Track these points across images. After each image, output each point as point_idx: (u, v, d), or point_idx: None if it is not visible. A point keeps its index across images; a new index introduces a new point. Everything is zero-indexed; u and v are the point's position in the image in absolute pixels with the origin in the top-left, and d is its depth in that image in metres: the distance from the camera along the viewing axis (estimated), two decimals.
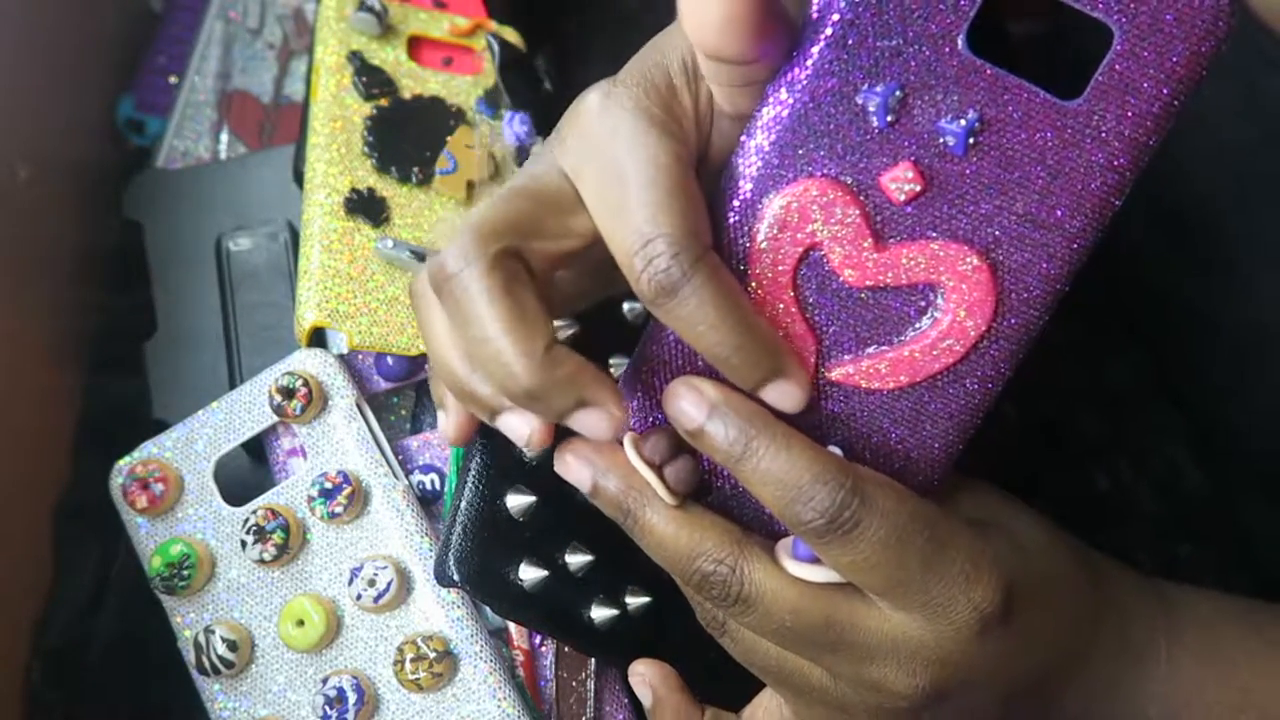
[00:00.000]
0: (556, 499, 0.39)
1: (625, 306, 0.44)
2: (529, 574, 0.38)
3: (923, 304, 0.27)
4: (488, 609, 0.40)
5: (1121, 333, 0.57)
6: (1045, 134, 0.25)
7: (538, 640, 0.41)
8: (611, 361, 0.43)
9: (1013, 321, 0.27)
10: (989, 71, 0.25)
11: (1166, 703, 0.33)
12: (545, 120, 0.49)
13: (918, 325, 0.28)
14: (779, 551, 0.30)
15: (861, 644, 0.29)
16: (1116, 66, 0.25)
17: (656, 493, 0.30)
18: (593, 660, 0.41)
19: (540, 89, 0.50)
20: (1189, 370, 0.53)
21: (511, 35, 0.51)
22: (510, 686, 0.39)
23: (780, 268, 0.27)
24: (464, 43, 0.50)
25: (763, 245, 0.27)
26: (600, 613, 0.39)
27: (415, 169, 0.45)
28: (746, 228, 0.27)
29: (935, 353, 0.28)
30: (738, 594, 0.29)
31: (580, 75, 0.61)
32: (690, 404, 0.28)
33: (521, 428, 0.30)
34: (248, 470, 0.45)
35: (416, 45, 0.49)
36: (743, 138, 0.28)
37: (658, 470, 0.30)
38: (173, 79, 0.57)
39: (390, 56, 0.48)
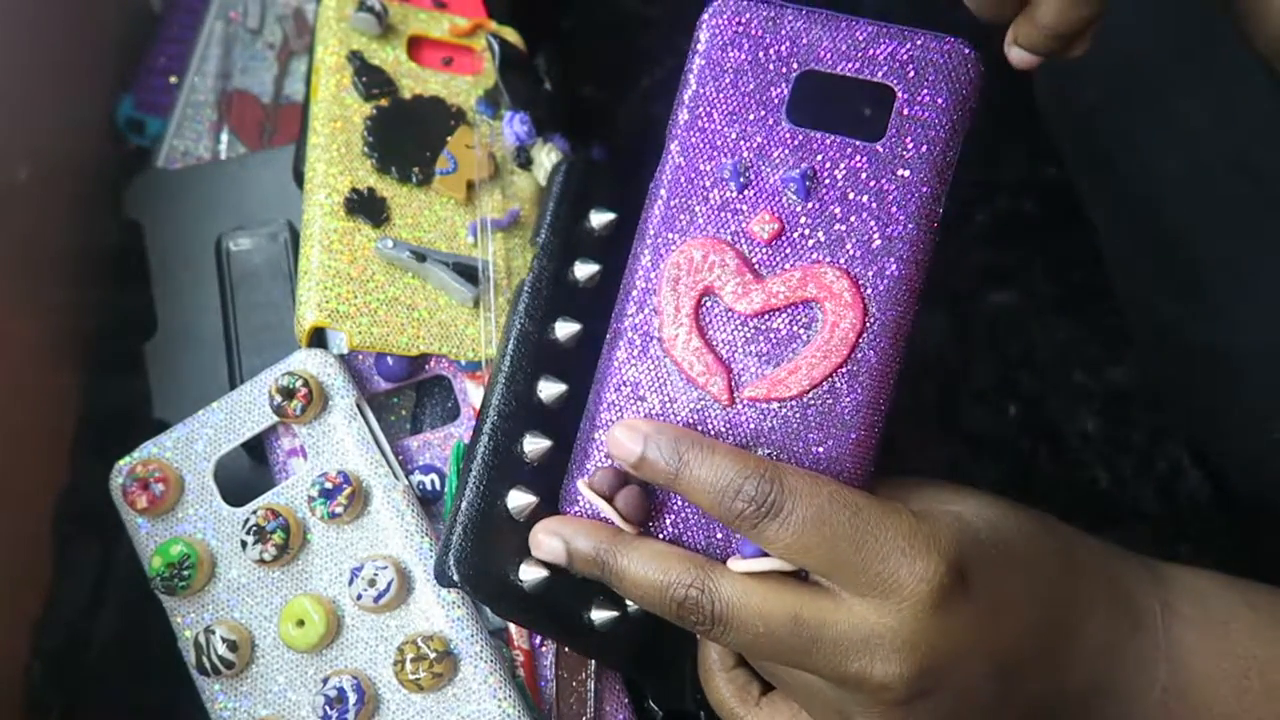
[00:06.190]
0: (557, 499, 0.39)
1: None
2: (529, 574, 0.38)
3: (807, 320, 0.33)
4: (488, 609, 0.40)
5: (1120, 337, 0.57)
6: (863, 171, 0.33)
7: (538, 640, 0.41)
8: None
9: (881, 318, 0.33)
10: (809, 135, 0.33)
11: (1172, 676, 0.33)
12: (545, 120, 0.49)
13: (806, 337, 0.33)
14: (731, 564, 0.33)
15: (831, 639, 0.31)
16: (904, 110, 0.33)
17: (621, 540, 0.33)
18: (593, 660, 0.41)
19: (540, 89, 0.50)
20: (1175, 375, 0.53)
21: (511, 35, 0.51)
22: (510, 686, 0.39)
23: (683, 312, 0.34)
24: (464, 43, 0.50)
25: (667, 297, 0.34)
26: (600, 614, 0.39)
27: (415, 169, 0.45)
28: (655, 286, 0.34)
29: (824, 355, 0.33)
30: (711, 611, 0.32)
31: (580, 75, 0.61)
32: (628, 439, 0.33)
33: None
34: (248, 470, 0.45)
35: (416, 45, 0.49)
36: (643, 212, 0.34)
37: (610, 501, 0.34)
38: (173, 79, 0.57)
39: (390, 56, 0.48)
